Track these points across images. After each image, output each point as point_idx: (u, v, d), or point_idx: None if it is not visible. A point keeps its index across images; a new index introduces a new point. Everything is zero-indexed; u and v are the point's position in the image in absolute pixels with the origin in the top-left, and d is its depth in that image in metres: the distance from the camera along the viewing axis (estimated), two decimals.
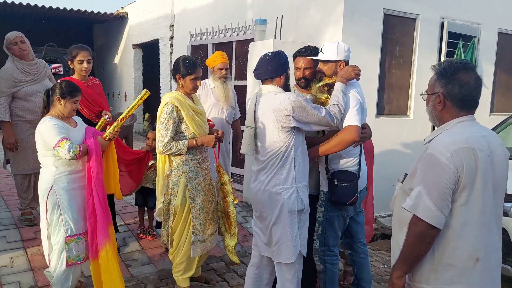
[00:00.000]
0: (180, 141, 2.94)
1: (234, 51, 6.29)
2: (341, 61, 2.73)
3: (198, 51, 7.19)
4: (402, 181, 2.04)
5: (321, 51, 2.77)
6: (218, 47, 6.59)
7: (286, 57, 2.71)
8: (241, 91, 5.58)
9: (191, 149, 2.99)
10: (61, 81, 2.89)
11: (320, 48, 2.79)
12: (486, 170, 1.68)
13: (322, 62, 2.77)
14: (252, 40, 5.42)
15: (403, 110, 5.78)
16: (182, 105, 2.92)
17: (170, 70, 3.09)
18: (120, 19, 11.43)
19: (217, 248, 3.96)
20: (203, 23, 7.22)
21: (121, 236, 4.12)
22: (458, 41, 5.92)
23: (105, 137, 2.96)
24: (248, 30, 6.13)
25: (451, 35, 5.84)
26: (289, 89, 2.79)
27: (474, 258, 1.70)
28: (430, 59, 5.72)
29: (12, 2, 9.77)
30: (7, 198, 5.12)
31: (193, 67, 2.97)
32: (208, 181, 3.15)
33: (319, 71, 2.81)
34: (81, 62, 3.48)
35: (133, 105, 2.99)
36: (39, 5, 10.12)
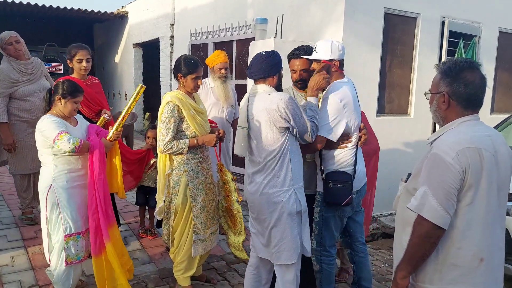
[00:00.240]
0: (181, 140, 2.94)
1: (234, 50, 6.29)
2: (335, 60, 2.68)
3: (198, 50, 7.18)
4: (405, 181, 2.02)
5: (314, 50, 2.72)
6: (218, 46, 6.58)
7: (279, 57, 2.66)
8: (242, 90, 5.57)
9: (192, 148, 2.98)
10: (63, 80, 2.87)
11: (314, 47, 2.74)
12: (491, 170, 1.67)
13: (316, 62, 2.72)
14: (253, 39, 5.41)
15: (404, 109, 5.78)
16: (183, 104, 2.92)
17: (172, 69, 3.08)
18: (120, 18, 11.42)
19: (218, 247, 3.96)
20: (203, 22, 7.21)
21: (122, 235, 4.10)
22: (459, 40, 5.92)
23: (109, 139, 2.96)
24: (249, 29, 6.13)
25: (451, 34, 5.84)
26: (281, 89, 2.75)
27: (478, 258, 1.70)
28: (431, 58, 5.73)
29: (12, 1, 9.74)
30: (7, 197, 5.12)
31: (195, 66, 2.96)
32: (209, 180, 3.14)
33: (313, 70, 2.75)
34: (80, 61, 3.47)
35: (131, 102, 2.98)
36: (39, 4, 10.11)
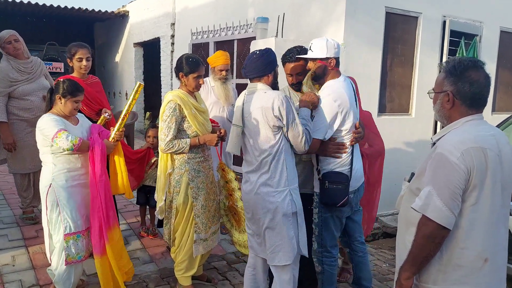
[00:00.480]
0: (182, 139, 2.93)
1: (235, 49, 6.28)
2: (331, 58, 2.66)
3: (199, 49, 7.18)
4: (408, 180, 2.00)
5: (310, 49, 2.69)
6: (219, 45, 6.58)
7: (274, 55, 2.64)
8: (243, 89, 5.47)
9: (194, 147, 2.98)
10: (63, 79, 2.86)
11: (309, 46, 2.71)
12: (496, 170, 1.66)
13: (312, 61, 2.69)
14: (254, 38, 5.41)
15: (405, 109, 5.76)
16: (184, 104, 2.91)
17: (173, 69, 3.07)
18: (121, 18, 11.42)
19: (219, 247, 3.96)
20: (204, 22, 7.20)
21: (122, 235, 4.09)
22: (460, 39, 5.90)
23: (111, 140, 2.94)
24: (250, 28, 6.12)
25: (453, 33, 5.83)
26: (277, 87, 2.73)
27: (482, 258, 1.69)
28: (432, 57, 5.72)
29: (13, 1, 9.74)
30: (8, 196, 5.12)
31: (196, 65, 2.95)
32: (210, 179, 3.14)
33: (309, 69, 2.73)
34: (80, 60, 3.46)
35: (130, 101, 2.98)
36: (40, 3, 10.11)
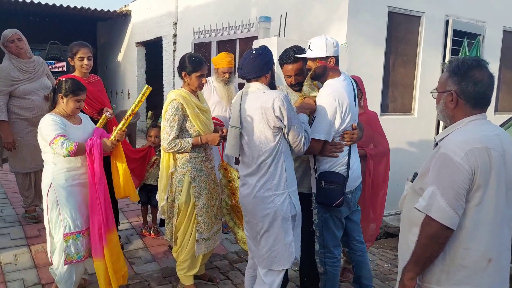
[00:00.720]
0: (184, 138, 2.93)
1: (238, 49, 6.27)
2: (331, 57, 2.62)
3: (201, 49, 7.17)
4: (411, 180, 1.99)
5: (309, 48, 2.65)
6: (221, 44, 6.57)
7: (270, 53, 2.59)
8: None
9: (196, 147, 2.97)
10: (65, 79, 2.86)
11: (308, 45, 2.67)
12: (500, 170, 1.65)
13: (311, 60, 2.65)
14: (256, 37, 5.39)
15: (407, 108, 5.75)
16: (187, 103, 2.90)
17: (176, 68, 3.06)
18: (123, 17, 11.43)
19: (221, 246, 3.95)
20: (206, 21, 7.19)
21: (124, 234, 4.12)
22: (463, 39, 5.88)
23: (112, 139, 2.93)
24: (252, 27, 6.11)
25: (456, 33, 5.82)
26: (275, 86, 2.69)
27: (486, 258, 1.68)
28: (435, 57, 5.70)
29: (15, 0, 9.75)
30: (11, 195, 5.13)
31: (199, 65, 2.94)
32: (212, 179, 3.14)
33: (309, 69, 2.68)
34: (82, 59, 3.46)
35: (136, 102, 2.97)
36: (43, 2, 10.13)
